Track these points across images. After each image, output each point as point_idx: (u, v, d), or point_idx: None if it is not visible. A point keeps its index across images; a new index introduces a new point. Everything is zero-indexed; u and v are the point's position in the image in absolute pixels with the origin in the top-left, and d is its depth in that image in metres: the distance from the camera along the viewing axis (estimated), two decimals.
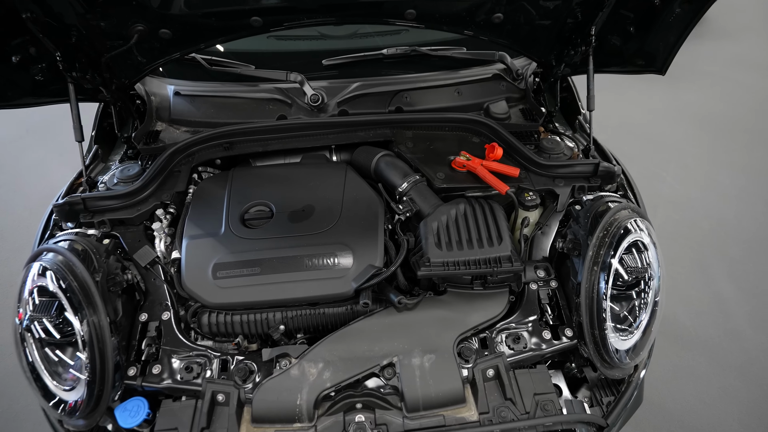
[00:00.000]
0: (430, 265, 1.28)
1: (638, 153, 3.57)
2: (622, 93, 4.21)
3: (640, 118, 4.04)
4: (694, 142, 3.78)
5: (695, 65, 4.58)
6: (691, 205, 3.22)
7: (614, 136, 1.69)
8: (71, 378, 1.18)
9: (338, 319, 1.30)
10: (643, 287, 1.28)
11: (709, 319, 2.50)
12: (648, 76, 1.71)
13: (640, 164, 3.45)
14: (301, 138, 1.66)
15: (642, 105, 4.17)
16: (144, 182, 1.48)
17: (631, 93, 4.22)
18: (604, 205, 1.38)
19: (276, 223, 1.38)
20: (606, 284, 1.23)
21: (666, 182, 3.43)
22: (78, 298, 1.16)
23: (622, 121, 3.93)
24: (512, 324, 1.31)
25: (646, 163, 3.49)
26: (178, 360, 1.25)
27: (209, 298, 1.26)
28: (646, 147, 3.70)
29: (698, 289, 2.66)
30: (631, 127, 3.89)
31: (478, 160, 1.53)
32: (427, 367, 1.18)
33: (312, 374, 1.17)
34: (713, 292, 2.66)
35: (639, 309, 1.27)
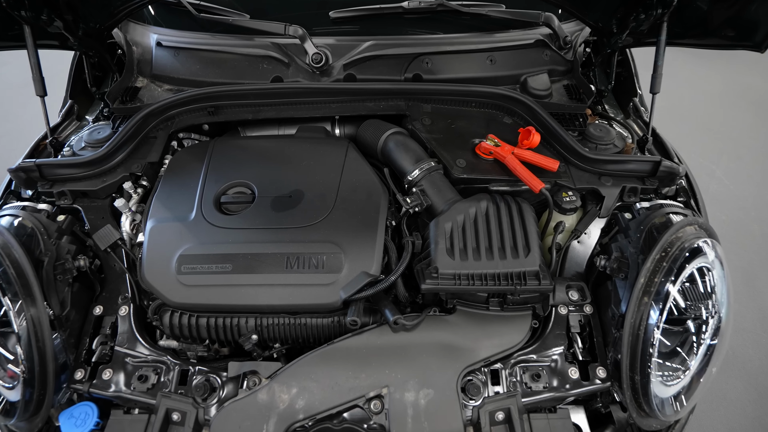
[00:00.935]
0: (437, 276, 1.04)
1: (686, 140, 3.15)
2: (674, 70, 3.70)
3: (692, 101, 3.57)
4: (752, 132, 3.31)
5: None
6: (741, 205, 2.84)
7: (659, 119, 1.36)
8: (10, 375, 1.02)
9: (322, 332, 1.09)
10: (702, 324, 1.01)
11: (751, 339, 2.22)
12: (704, 53, 1.35)
13: (686, 153, 3.03)
14: (299, 106, 1.39)
15: (695, 85, 3.67)
16: (110, 149, 1.26)
17: (683, 71, 3.71)
18: (664, 217, 1.10)
19: (256, 210, 1.15)
20: (658, 321, 0.96)
21: (715, 176, 3.03)
22: (14, 288, 0.98)
23: (670, 103, 3.45)
24: (533, 356, 1.07)
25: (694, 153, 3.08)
26: (133, 365, 1.07)
27: (171, 296, 1.06)
28: (695, 134, 3.27)
29: (741, 303, 2.36)
30: (680, 110, 3.43)
31: (508, 147, 1.24)
32: (422, 404, 0.96)
33: (283, 401, 0.97)
34: (758, 307, 2.35)
35: (692, 350, 1.02)
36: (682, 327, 1.01)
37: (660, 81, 1.26)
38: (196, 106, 1.38)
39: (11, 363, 1.01)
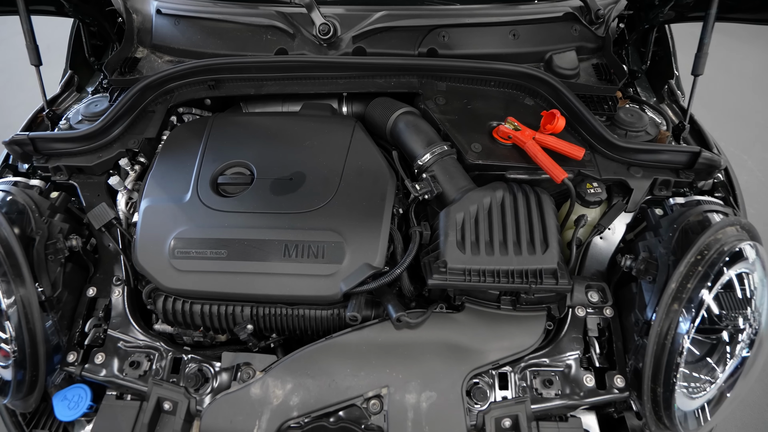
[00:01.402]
0: (446, 271, 0.96)
1: (715, 127, 2.93)
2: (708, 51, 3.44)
3: (725, 85, 3.31)
4: None
5: None
6: None
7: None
8: (3, 354, 0.99)
9: (320, 324, 1.03)
10: (736, 334, 0.92)
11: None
12: (739, 32, 1.20)
13: (716, 141, 2.82)
14: (304, 81, 1.30)
15: (728, 68, 3.40)
16: (106, 122, 1.20)
17: (716, 52, 3.43)
18: (701, 215, 0.99)
19: (255, 193, 1.08)
20: (688, 330, 0.87)
21: (746, 167, 2.84)
22: (1, 268, 0.94)
23: (700, 86, 3.22)
24: (545, 360, 0.99)
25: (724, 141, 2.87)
26: (125, 350, 1.03)
27: (164, 281, 1.01)
28: (725, 121, 3.05)
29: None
30: (711, 94, 3.18)
31: (529, 132, 1.14)
32: (423, 408, 0.90)
33: (276, 396, 0.92)
34: None
35: (723, 360, 0.93)
36: (714, 336, 0.92)
37: (705, 62, 1.13)
38: (196, 79, 1.30)
39: (3, 342, 0.98)
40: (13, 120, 1.40)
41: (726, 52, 3.44)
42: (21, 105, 3.32)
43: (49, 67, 1.33)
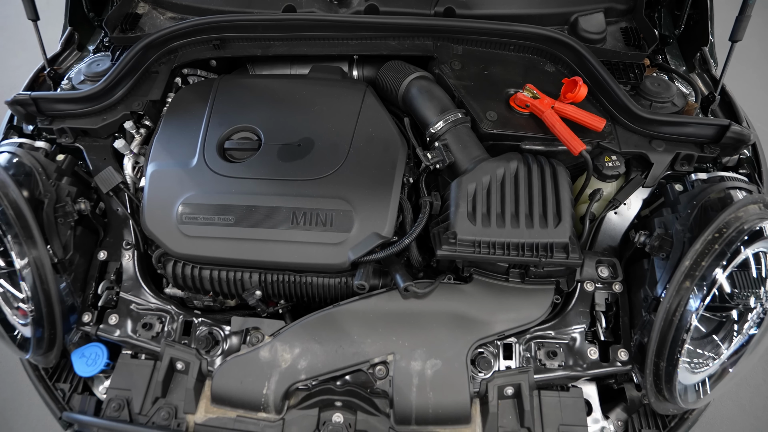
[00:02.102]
0: (455, 242, 0.95)
1: (747, 100, 2.79)
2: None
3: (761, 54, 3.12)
4: None
5: None
6: None
7: None
8: (22, 313, 1.03)
9: (328, 292, 1.04)
10: (745, 312, 0.91)
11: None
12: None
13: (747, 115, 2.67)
14: (313, 42, 1.24)
15: (763, 35, 3.18)
16: (108, 83, 1.16)
17: (756, 16, 3.20)
18: (722, 192, 0.96)
19: (262, 159, 1.06)
20: (697, 308, 0.87)
21: None
22: (13, 231, 0.94)
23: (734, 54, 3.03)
24: (550, 332, 1.00)
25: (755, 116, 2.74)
26: (138, 312, 1.05)
27: (172, 246, 1.01)
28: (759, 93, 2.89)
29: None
30: (744, 63, 2.99)
31: (548, 100, 1.09)
32: (428, 375, 0.92)
33: (285, 360, 0.95)
34: None
35: (728, 337, 0.93)
36: (723, 314, 0.91)
37: (746, 26, 1.05)
38: (200, 38, 1.25)
39: (21, 302, 1.01)
40: (16, 80, 1.37)
41: (761, 18, 3.21)
42: (25, 64, 3.25)
43: (49, 24, 1.28)
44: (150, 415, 0.96)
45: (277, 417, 0.94)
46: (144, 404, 0.97)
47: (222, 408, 0.96)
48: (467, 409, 0.91)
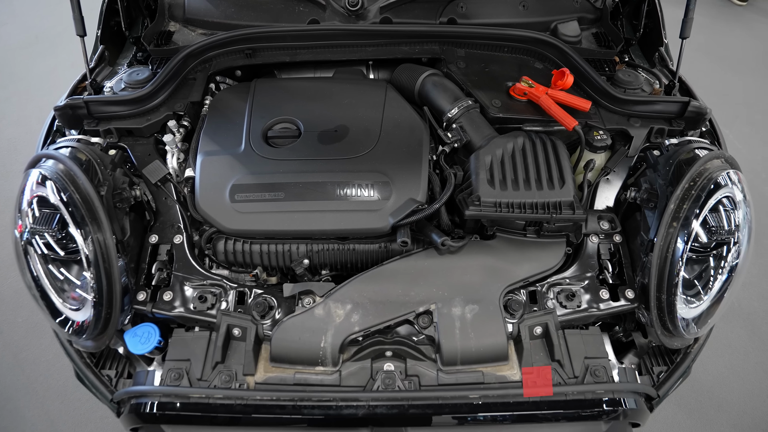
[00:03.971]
0: (480, 204, 1.10)
1: (703, 86, 3.14)
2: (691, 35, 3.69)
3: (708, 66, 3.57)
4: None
5: None
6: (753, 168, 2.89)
7: None
8: (77, 298, 1.08)
9: (370, 257, 1.15)
10: (724, 250, 1.09)
11: (756, 292, 2.32)
12: (724, 14, 1.38)
13: None
14: (335, 49, 1.42)
15: (711, 51, 3.66)
16: (154, 87, 1.29)
17: (699, 36, 3.66)
18: (691, 153, 1.16)
19: (304, 144, 1.20)
20: (685, 244, 1.04)
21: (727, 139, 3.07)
22: (80, 213, 1.02)
23: (685, 68, 3.45)
24: (566, 279, 1.15)
25: None
26: (191, 288, 1.13)
27: (226, 223, 1.11)
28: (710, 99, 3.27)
29: (748, 259, 2.46)
30: (695, 74, 3.43)
31: (542, 88, 1.29)
32: (468, 318, 1.04)
33: (338, 315, 1.04)
34: (764, 263, 2.44)
35: (714, 274, 1.10)
36: (707, 252, 1.09)
37: (691, 25, 1.31)
38: (235, 48, 1.40)
39: (77, 287, 1.07)
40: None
41: (708, 38, 3.69)
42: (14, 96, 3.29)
43: (69, 41, 1.38)
44: (211, 379, 1.02)
45: (334, 369, 1.02)
46: (204, 370, 1.03)
47: (280, 366, 1.04)
48: (505, 347, 1.03)
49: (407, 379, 1.01)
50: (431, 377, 1.02)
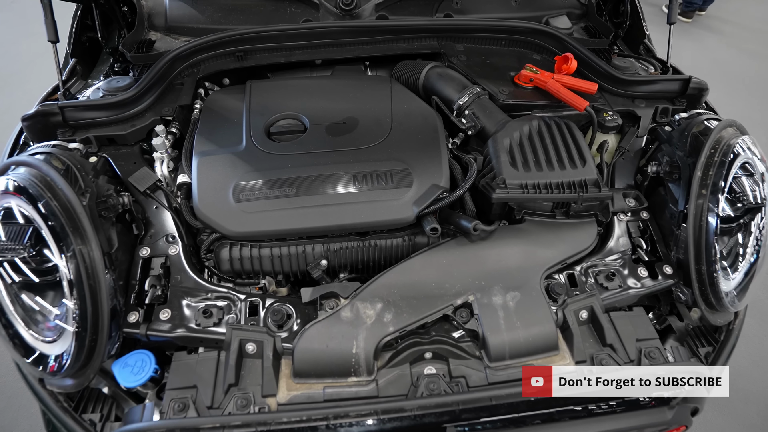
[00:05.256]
0: (506, 187, 1.04)
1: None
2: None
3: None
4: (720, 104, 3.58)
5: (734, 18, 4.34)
6: None
7: None
8: (53, 328, 0.91)
9: (394, 252, 1.05)
10: (753, 218, 1.07)
11: (759, 281, 2.36)
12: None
13: None
14: (332, 48, 1.37)
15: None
16: (139, 90, 1.18)
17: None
18: (702, 124, 1.16)
19: (311, 137, 1.11)
20: (716, 209, 1.01)
21: None
22: (60, 222, 0.87)
23: None
24: (602, 260, 1.08)
25: None
26: (193, 303, 0.98)
27: (231, 226, 0.99)
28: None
29: None
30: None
31: (547, 74, 1.28)
32: (511, 306, 0.95)
33: (369, 317, 0.92)
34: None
35: (746, 244, 1.07)
36: (737, 219, 1.06)
37: (676, 12, 1.35)
38: (225, 50, 1.32)
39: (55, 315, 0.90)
40: None
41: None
42: None
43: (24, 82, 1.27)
44: (224, 406, 0.87)
45: (369, 378, 0.89)
46: (215, 396, 0.88)
47: (306, 382, 0.89)
48: (555, 336, 0.94)
49: (453, 381, 0.90)
50: (479, 377, 0.90)
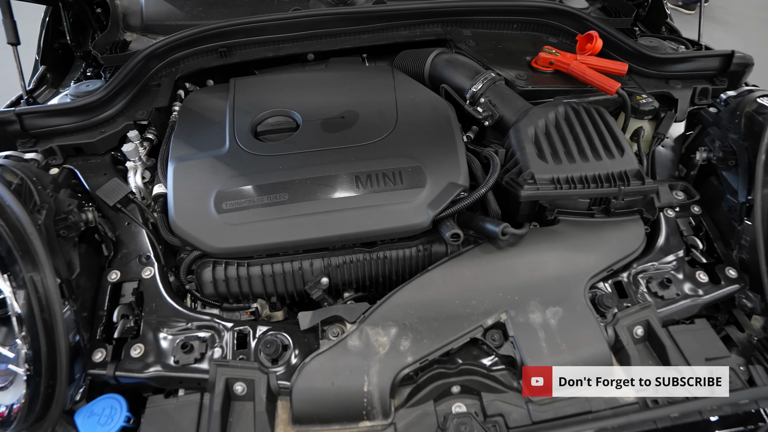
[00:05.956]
0: (535, 182, 0.88)
1: None
2: None
3: None
4: None
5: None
6: None
7: None
8: (4, 372, 0.75)
9: (407, 265, 0.90)
10: None
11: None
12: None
13: None
14: (326, 39, 1.23)
15: None
16: (108, 92, 1.04)
17: None
18: (754, 103, 1.01)
19: (305, 134, 0.96)
20: None
21: None
22: (7, 246, 0.72)
23: None
24: (653, 264, 0.92)
25: None
26: (171, 335, 0.82)
27: (213, 241, 0.84)
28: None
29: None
30: None
31: (569, 55, 1.13)
32: (553, 325, 0.78)
33: (382, 345, 0.76)
34: None
35: None
36: None
37: None
38: (207, 46, 1.19)
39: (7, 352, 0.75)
40: None
41: None
42: None
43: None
44: None
45: (386, 422, 0.72)
46: None
47: (309, 429, 0.73)
48: (609, 358, 0.77)
49: (488, 421, 0.73)
50: (521, 414, 0.73)
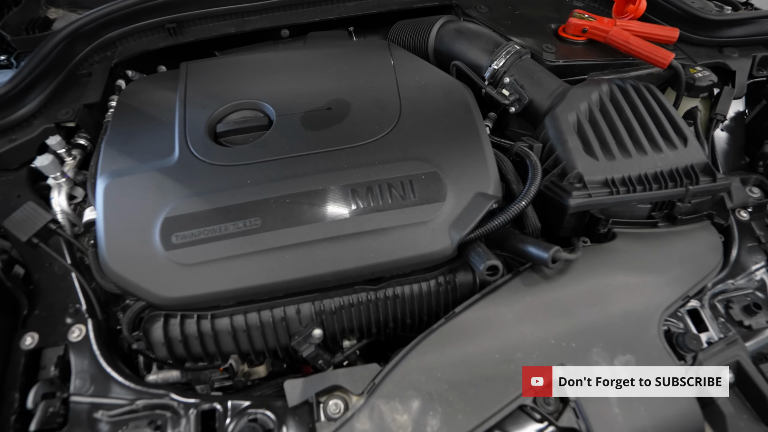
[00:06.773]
0: (585, 186, 0.68)
1: None
2: None
3: None
4: None
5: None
6: None
7: None
8: None
9: (423, 304, 0.68)
10: None
11: None
12: None
13: None
14: (302, 9, 0.99)
15: None
16: (18, 84, 0.79)
17: None
18: None
19: (280, 134, 0.73)
20: None
21: None
22: None
23: None
24: (731, 282, 0.73)
25: None
26: (111, 422, 0.60)
27: (160, 289, 0.61)
28: None
29: None
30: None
31: (608, 20, 0.91)
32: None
33: (402, 426, 0.55)
34: None
35: None
36: None
37: None
38: (149, 21, 0.93)
39: None
40: None
41: None
42: None
43: None
44: None
45: None
46: None
47: None
48: (700, 419, 0.58)
49: None
50: None
